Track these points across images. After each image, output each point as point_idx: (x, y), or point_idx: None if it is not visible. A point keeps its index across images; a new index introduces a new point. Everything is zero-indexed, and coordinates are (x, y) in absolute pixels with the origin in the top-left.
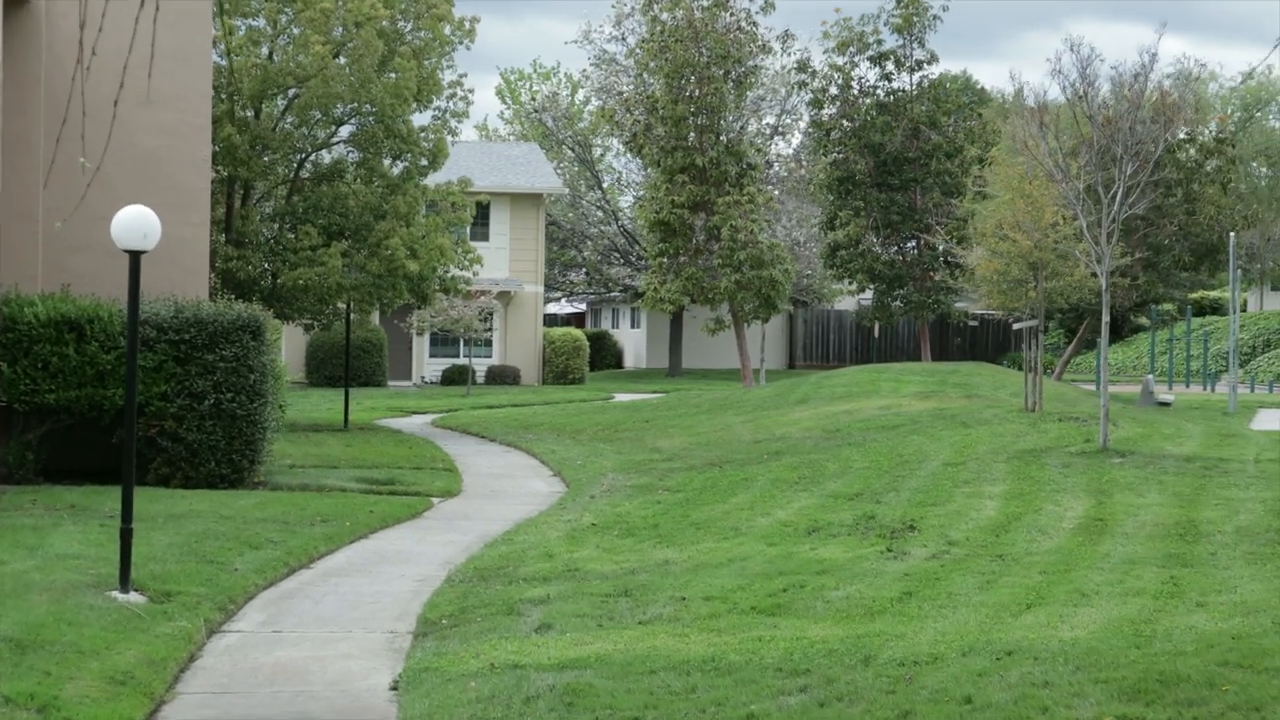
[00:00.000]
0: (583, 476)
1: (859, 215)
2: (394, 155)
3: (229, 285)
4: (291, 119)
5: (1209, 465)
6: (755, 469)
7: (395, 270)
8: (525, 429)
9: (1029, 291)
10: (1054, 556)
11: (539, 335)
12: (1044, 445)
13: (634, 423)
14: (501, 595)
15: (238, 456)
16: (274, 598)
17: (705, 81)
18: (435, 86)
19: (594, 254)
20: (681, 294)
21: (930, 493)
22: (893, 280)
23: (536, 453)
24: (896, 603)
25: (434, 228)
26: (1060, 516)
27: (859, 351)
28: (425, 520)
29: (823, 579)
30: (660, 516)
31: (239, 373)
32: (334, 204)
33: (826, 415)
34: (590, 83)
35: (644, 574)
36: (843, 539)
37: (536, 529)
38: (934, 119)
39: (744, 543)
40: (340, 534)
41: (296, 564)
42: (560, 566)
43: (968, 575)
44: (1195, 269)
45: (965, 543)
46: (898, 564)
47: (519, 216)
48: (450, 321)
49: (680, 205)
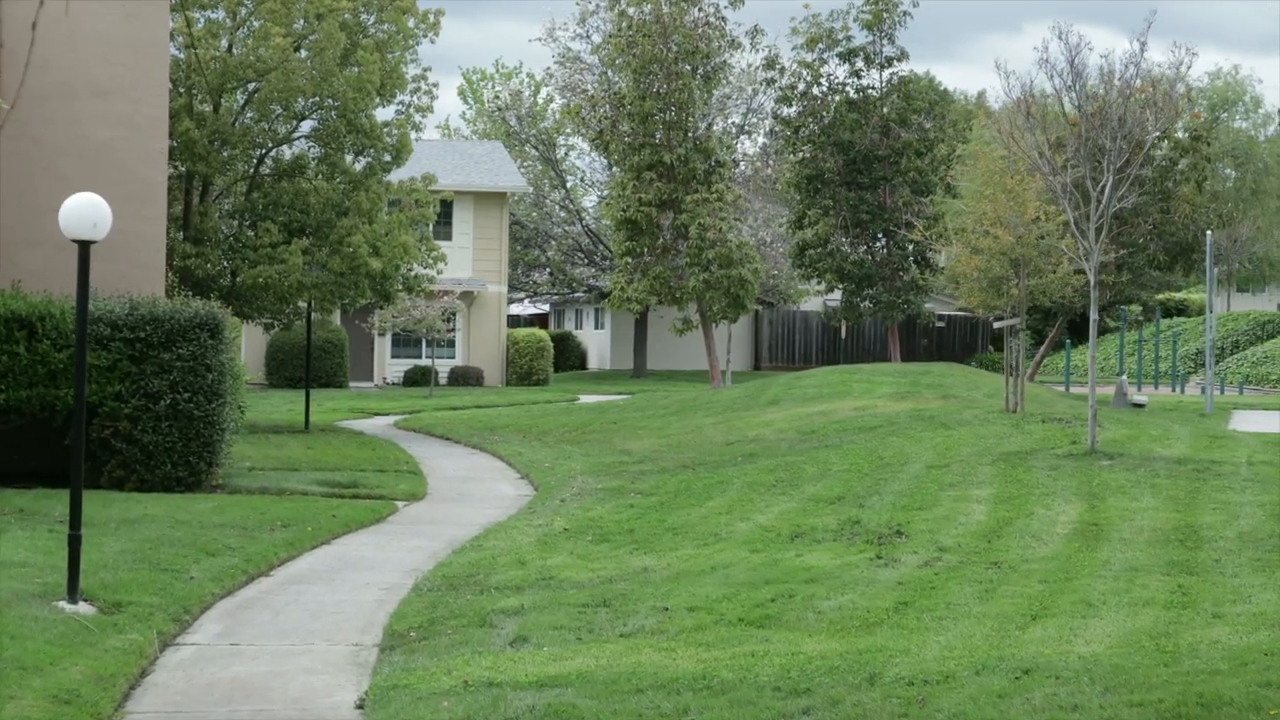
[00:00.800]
0: (551, 479)
1: (828, 214)
2: (356, 150)
3: (187, 283)
4: (252, 113)
5: (1201, 468)
6: (730, 472)
7: (357, 268)
8: (490, 430)
9: (1011, 289)
10: (1052, 564)
11: (502, 336)
12: (1029, 447)
13: (601, 424)
14: (473, 605)
15: (195, 459)
16: (232, 607)
17: (673, 77)
18: (399, 80)
19: (558, 254)
20: (649, 293)
21: (915, 496)
22: (862, 280)
23: (503, 455)
24: (893, 614)
25: (397, 225)
26: (1053, 521)
27: (825, 353)
28: (390, 525)
29: (812, 588)
30: (635, 521)
31: (196, 372)
32: (295, 200)
33: (800, 417)
34: (554, 81)
35: (622, 582)
36: (828, 545)
37: (507, 534)
38: (904, 116)
39: (725, 549)
40: (301, 539)
41: (255, 571)
42: (533, 574)
43: (964, 584)
44: (1170, 269)
45: (957, 549)
46: (889, 572)
47: (482, 216)
48: (413, 322)
49: (647, 203)
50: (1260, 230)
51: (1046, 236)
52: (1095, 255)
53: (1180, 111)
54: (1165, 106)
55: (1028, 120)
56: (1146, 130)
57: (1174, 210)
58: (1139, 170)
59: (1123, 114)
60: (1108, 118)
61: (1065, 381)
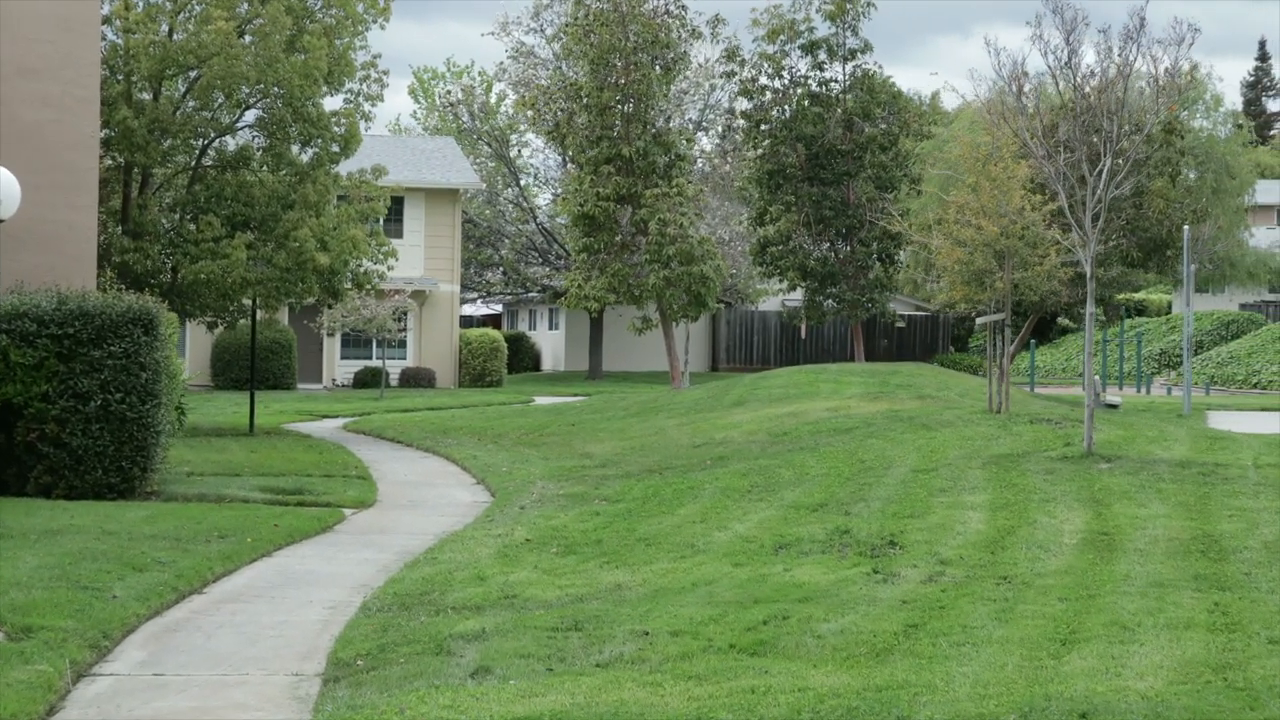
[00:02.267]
0: (509, 485)
1: (790, 210)
2: (303, 141)
3: (126, 280)
4: (193, 102)
5: (1206, 471)
6: (700, 476)
7: (304, 263)
8: (443, 433)
9: (995, 282)
10: (1067, 579)
11: (455, 336)
12: (1020, 450)
13: (560, 426)
14: (428, 629)
15: (128, 464)
16: (159, 631)
17: (632, 68)
18: (347, 67)
19: (511, 253)
20: (607, 291)
21: (904, 503)
22: (825, 278)
23: (457, 459)
24: (903, 638)
25: (346, 218)
26: (1058, 530)
27: (784, 353)
28: (337, 535)
29: (808, 608)
30: (602, 531)
31: (129, 371)
32: (238, 193)
33: (770, 418)
34: (508, 75)
35: (594, 601)
36: (817, 557)
37: (463, 545)
38: (867, 110)
39: (705, 562)
40: (240, 552)
41: (188, 588)
42: (495, 592)
43: (977, 602)
44: (1143, 266)
45: (959, 562)
46: (890, 588)
47: (434, 213)
48: (363, 321)
49: (606, 198)
50: (1221, 230)
51: (1032, 227)
52: (1092, 244)
53: (1184, 90)
54: (1168, 85)
55: (1019, 99)
56: (1146, 111)
57: (1147, 205)
58: (1139, 154)
59: (1123, 93)
60: (1107, 97)
61: (1030, 381)
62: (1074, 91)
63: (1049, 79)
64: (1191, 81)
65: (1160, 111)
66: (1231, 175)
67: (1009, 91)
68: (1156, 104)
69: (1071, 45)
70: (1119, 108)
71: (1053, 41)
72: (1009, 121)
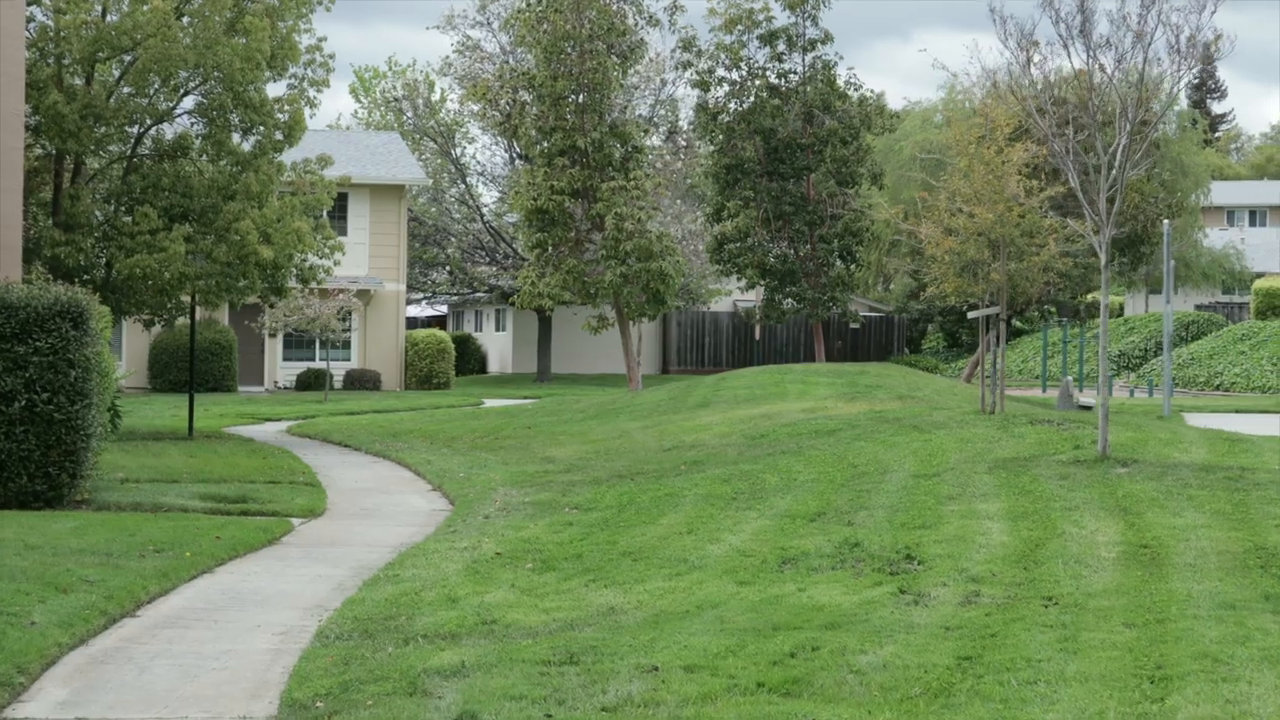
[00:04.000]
0: (469, 491)
1: (748, 206)
2: (245, 128)
3: (57, 275)
4: (128, 87)
5: (1233, 476)
6: (676, 482)
7: (246, 257)
8: (393, 437)
9: (991, 274)
10: (1122, 600)
11: (401, 337)
12: (1026, 453)
13: (515, 429)
14: (397, 662)
15: (55, 469)
16: (84, 663)
17: (587, 56)
18: (291, 51)
19: (458, 252)
20: (562, 289)
21: (911, 512)
22: (784, 276)
23: (410, 463)
24: (961, 675)
25: (290, 210)
26: (1092, 543)
27: (737, 355)
28: (285, 547)
29: (837, 636)
30: (580, 543)
31: (57, 368)
32: (176, 183)
33: (741, 420)
34: (454, 70)
35: (587, 628)
36: (829, 574)
37: (428, 560)
38: (828, 102)
39: (704, 580)
40: (178, 568)
41: (119, 612)
42: (470, 616)
43: (1032, 629)
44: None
45: (991, 579)
46: (925, 612)
47: (379, 209)
48: (306, 321)
49: (560, 191)
50: (1176, 230)
51: (1030, 214)
52: (1107, 230)
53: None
54: (1188, 53)
55: (1026, 70)
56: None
57: (1124, 199)
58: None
59: (1142, 63)
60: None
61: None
62: (1088, 59)
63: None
64: (1216, 50)
65: (1181, 79)
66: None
67: (1016, 62)
68: (1178, 71)
69: (1085, 12)
70: (1138, 78)
71: (1064, 9)
72: (1015, 93)
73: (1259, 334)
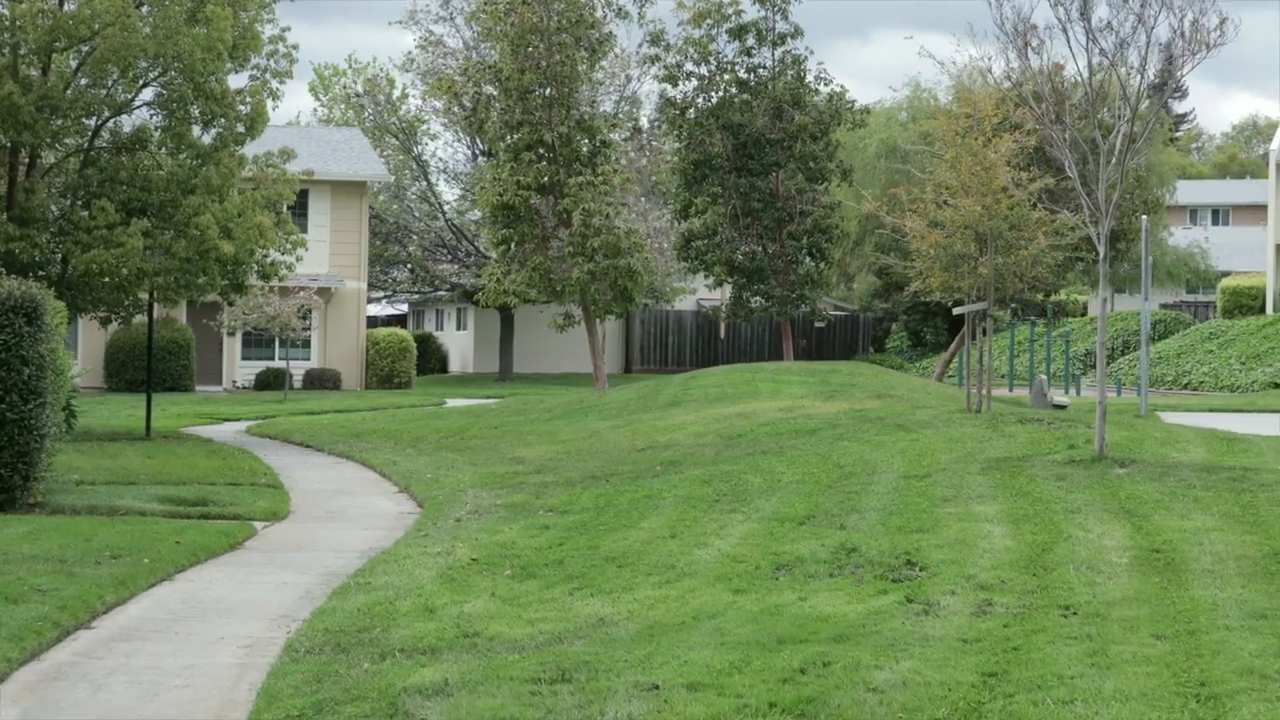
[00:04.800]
0: (438, 493)
1: (716, 202)
2: (205, 120)
3: (11, 269)
4: (85, 78)
5: (1236, 477)
6: (654, 484)
7: (206, 252)
8: (356, 437)
9: (979, 268)
10: (1145, 609)
11: (362, 336)
12: (1018, 453)
13: (481, 429)
14: (374, 680)
15: (7, 471)
16: (35, 680)
17: (555, 49)
18: (254, 41)
19: (419, 249)
20: (528, 286)
21: (906, 515)
22: (753, 273)
23: (374, 464)
24: (988, 694)
25: (251, 205)
26: (1100, 547)
27: (701, 354)
28: (248, 553)
29: (848, 650)
30: (560, 549)
31: (9, 366)
32: (134, 176)
33: (716, 419)
34: (416, 66)
35: (577, 641)
36: (828, 581)
37: (399, 566)
38: (797, 97)
39: (696, 588)
40: (136, 575)
41: (73, 623)
42: (450, 628)
43: (1056, 642)
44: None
45: (1001, 587)
46: (937, 623)
47: (340, 206)
48: (265, 320)
49: (527, 186)
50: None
51: (1019, 206)
52: (1107, 222)
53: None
54: (1193, 37)
55: (1024, 55)
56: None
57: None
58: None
59: (1145, 48)
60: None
61: (959, 378)
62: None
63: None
64: (1221, 35)
65: (1187, 64)
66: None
67: (1014, 45)
68: (1183, 53)
69: None
70: (1141, 63)
71: None
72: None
73: (1227, 333)
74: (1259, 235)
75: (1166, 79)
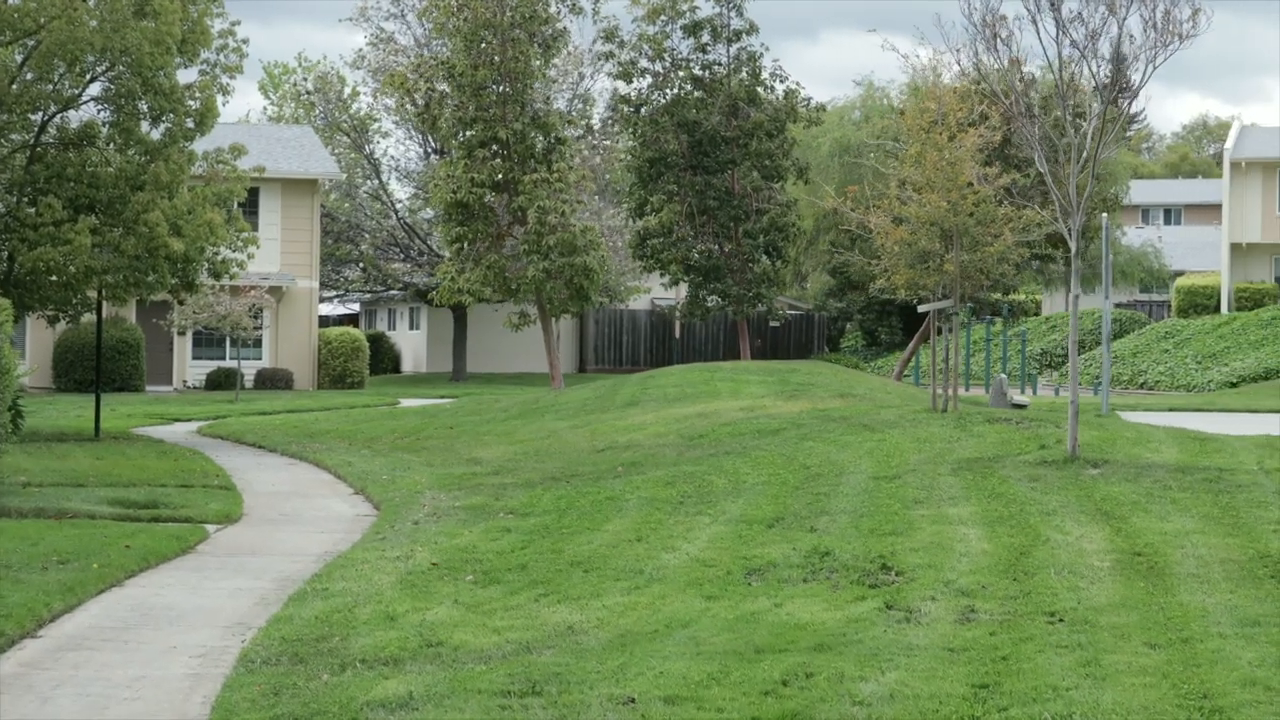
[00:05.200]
0: (394, 495)
1: (672, 200)
2: (154, 115)
3: None
4: (31, 73)
5: (1211, 478)
6: (615, 485)
7: (156, 250)
8: (309, 438)
9: (945, 265)
10: (1134, 615)
11: (314, 335)
12: (988, 453)
13: (437, 430)
14: (334, 693)
15: None
16: None
17: (509, 45)
18: (203, 36)
19: (371, 248)
20: (482, 284)
21: (878, 517)
22: (709, 272)
23: (329, 465)
24: (979, 706)
25: (201, 201)
26: (1080, 550)
27: (655, 354)
28: (201, 556)
29: (830, 660)
30: (522, 552)
31: None
32: (81, 173)
33: (676, 419)
34: (367, 63)
35: (546, 651)
36: (802, 587)
37: (357, 571)
38: (753, 94)
39: (666, 594)
40: (85, 581)
41: (18, 632)
42: (413, 636)
43: (1046, 651)
44: (1051, 259)
45: (982, 592)
46: (920, 631)
47: (291, 205)
48: (216, 319)
49: (481, 184)
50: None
51: (984, 202)
52: (1079, 215)
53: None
54: (1164, 28)
55: (993, 47)
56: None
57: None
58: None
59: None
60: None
61: (914, 377)
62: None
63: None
64: (1194, 26)
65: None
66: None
67: (982, 37)
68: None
69: None
70: (1113, 53)
71: None
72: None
73: (1182, 332)
74: (1211, 234)
75: (1118, 78)
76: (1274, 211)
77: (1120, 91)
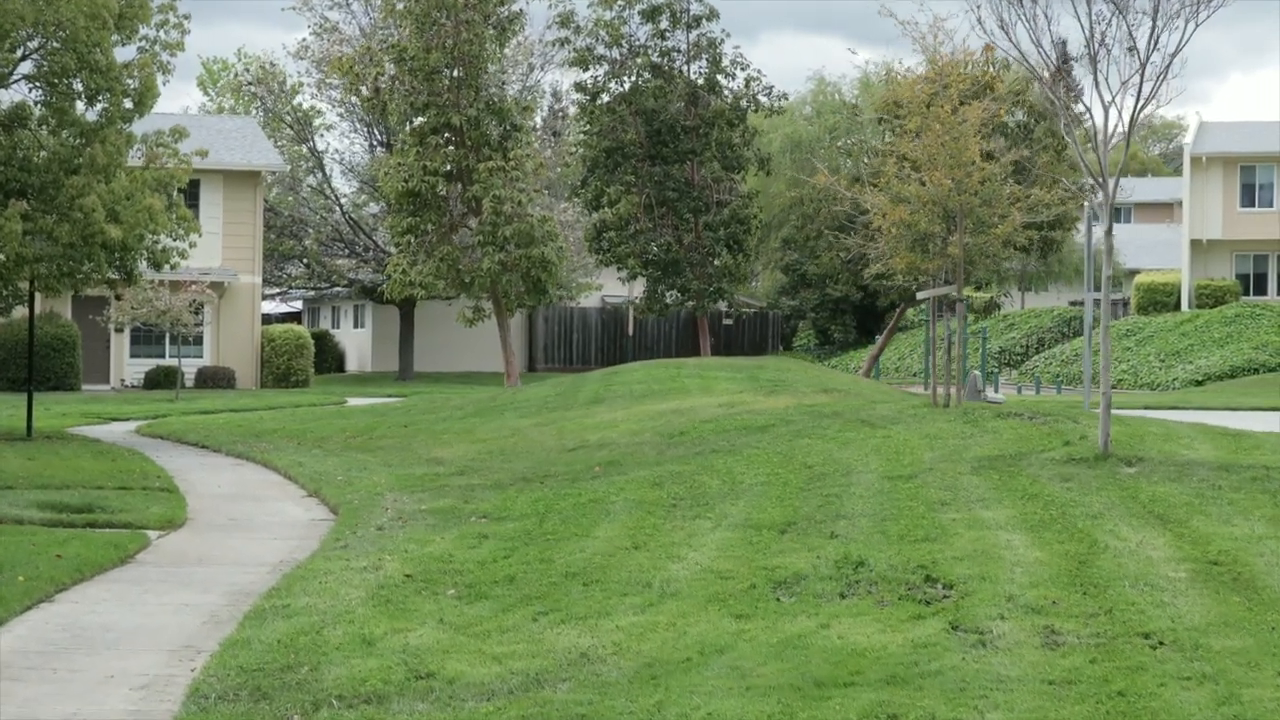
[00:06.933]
0: (352, 498)
1: (630, 191)
2: (90, 95)
3: None
4: None
5: (1259, 477)
6: (596, 486)
7: (92, 237)
8: (255, 437)
9: (949, 248)
10: (1246, 638)
11: (256, 332)
12: (1009, 451)
13: (390, 428)
14: None
15: None
16: None
17: (463, 27)
18: (141, 10)
19: (315, 243)
20: (435, 277)
21: (903, 521)
22: (668, 266)
23: (278, 466)
24: None
25: (140, 185)
26: (1147, 559)
27: (607, 353)
28: (141, 567)
29: (912, 697)
30: (507, 562)
31: None
32: (12, 155)
33: (650, 416)
34: (310, 53)
35: (560, 685)
36: (843, 604)
37: (321, 584)
38: (713, 82)
39: (686, 611)
40: (9, 597)
41: None
42: (397, 666)
43: (1169, 685)
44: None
45: (1054, 609)
46: (1002, 658)
47: (233, 198)
48: (156, 315)
49: (433, 172)
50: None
51: (989, 181)
52: (1112, 189)
53: None
54: None
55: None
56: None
57: (1035, 182)
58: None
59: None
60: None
61: (876, 374)
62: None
63: None
64: None
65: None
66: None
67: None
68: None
69: None
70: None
71: None
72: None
73: (1143, 330)
74: (1163, 233)
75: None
76: (1235, 208)
77: (1156, 51)
